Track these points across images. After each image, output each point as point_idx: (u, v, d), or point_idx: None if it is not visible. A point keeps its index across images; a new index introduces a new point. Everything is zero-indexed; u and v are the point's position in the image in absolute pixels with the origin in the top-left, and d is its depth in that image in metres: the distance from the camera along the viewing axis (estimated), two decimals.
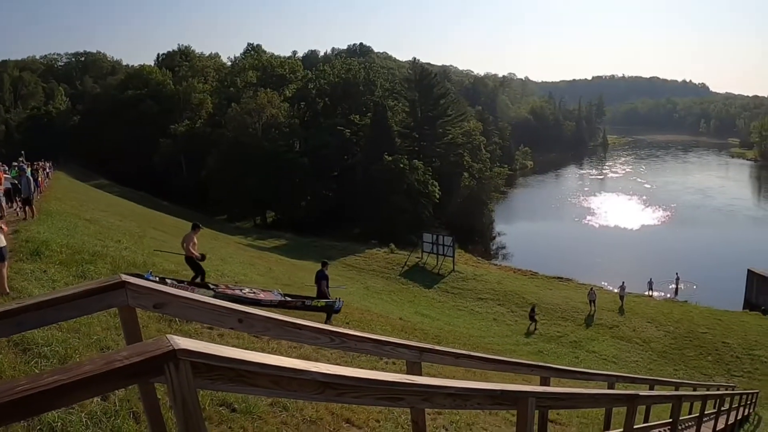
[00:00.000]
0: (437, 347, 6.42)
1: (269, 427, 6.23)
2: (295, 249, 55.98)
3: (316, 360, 8.34)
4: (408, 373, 5.77)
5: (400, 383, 3.68)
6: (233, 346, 4.58)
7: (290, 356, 5.62)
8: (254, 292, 18.78)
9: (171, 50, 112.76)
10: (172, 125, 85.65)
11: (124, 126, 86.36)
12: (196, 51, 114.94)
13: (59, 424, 4.75)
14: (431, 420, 8.99)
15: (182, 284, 16.01)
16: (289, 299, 19.05)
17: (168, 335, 2.76)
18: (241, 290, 18.58)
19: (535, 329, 39.66)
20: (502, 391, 4.61)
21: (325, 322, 16.48)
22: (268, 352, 7.08)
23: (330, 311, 18.84)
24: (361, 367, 6.06)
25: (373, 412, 8.16)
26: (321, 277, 20.59)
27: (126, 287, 4.10)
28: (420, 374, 5.86)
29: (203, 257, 17.72)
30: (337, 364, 4.52)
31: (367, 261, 53.51)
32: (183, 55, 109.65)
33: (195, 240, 17.72)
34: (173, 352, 2.65)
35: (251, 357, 2.91)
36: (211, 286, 17.46)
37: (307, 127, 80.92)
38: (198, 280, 17.50)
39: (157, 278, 15.54)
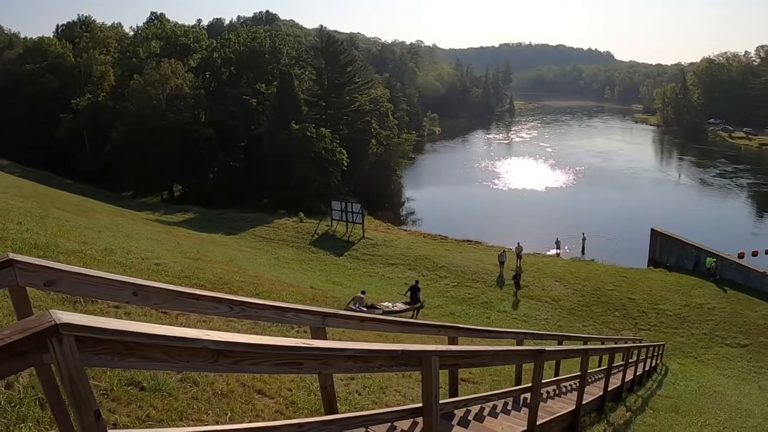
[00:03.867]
0: (341, 312, 6.39)
1: (179, 404, 6.10)
2: (204, 222, 55.18)
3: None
4: (313, 339, 5.74)
5: (296, 347, 3.64)
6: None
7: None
8: (394, 304, 31.33)
9: (71, 21, 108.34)
10: (73, 100, 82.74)
11: (23, 103, 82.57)
12: (98, 21, 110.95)
13: None
14: (344, 386, 9.00)
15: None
16: (408, 305, 31.80)
17: (51, 310, 2.64)
18: (384, 304, 30.78)
19: (517, 296, 40.27)
20: (403, 352, 4.61)
21: (414, 316, 30.54)
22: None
23: (420, 308, 31.89)
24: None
25: (285, 381, 8.12)
26: (415, 290, 32.73)
27: (14, 266, 3.92)
28: (324, 339, 5.84)
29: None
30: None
31: (277, 231, 53.09)
32: (84, 25, 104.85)
33: (364, 301, 28.55)
34: (55, 327, 2.54)
35: (139, 328, 2.82)
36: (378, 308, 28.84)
37: (212, 97, 79.14)
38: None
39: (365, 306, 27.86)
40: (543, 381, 8.40)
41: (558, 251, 54.63)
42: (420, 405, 5.14)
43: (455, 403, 6.76)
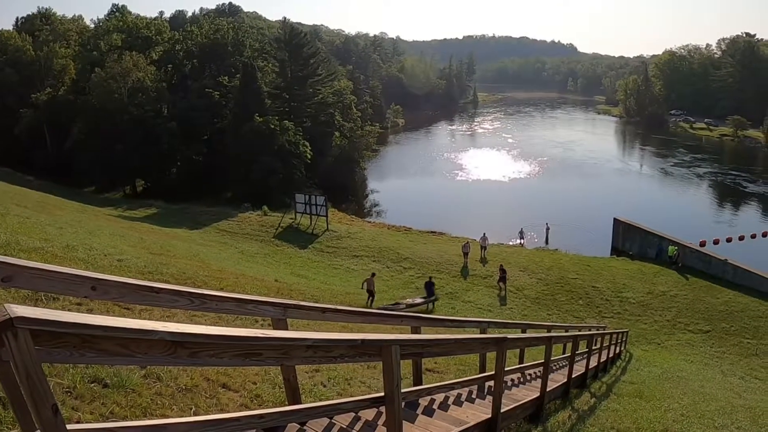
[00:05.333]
0: (302, 302, 6.36)
1: (143, 400, 6.07)
2: (167, 217, 54.72)
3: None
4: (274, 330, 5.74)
5: (254, 338, 3.63)
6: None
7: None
8: (413, 300, 34.71)
9: (31, 13, 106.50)
10: (33, 94, 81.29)
11: None
12: (58, 13, 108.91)
13: None
14: (309, 378, 9.05)
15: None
16: (424, 299, 34.90)
17: (6, 304, 2.62)
18: (407, 300, 34.39)
19: (504, 293, 39.69)
20: (363, 341, 4.61)
21: (430, 309, 34.31)
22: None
23: (435, 300, 35.42)
24: None
25: (249, 375, 8.13)
26: (430, 285, 35.49)
27: None
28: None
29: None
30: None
31: (241, 225, 52.79)
32: (44, 18, 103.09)
33: (374, 282, 33.77)
34: (10, 321, 2.52)
35: (94, 320, 2.80)
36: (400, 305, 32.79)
37: (174, 90, 78.46)
38: (372, 300, 33.05)
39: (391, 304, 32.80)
40: (507, 369, 8.46)
41: (522, 241, 55.02)
42: (382, 394, 5.17)
43: (418, 391, 6.78)
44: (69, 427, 2.88)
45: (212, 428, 3.94)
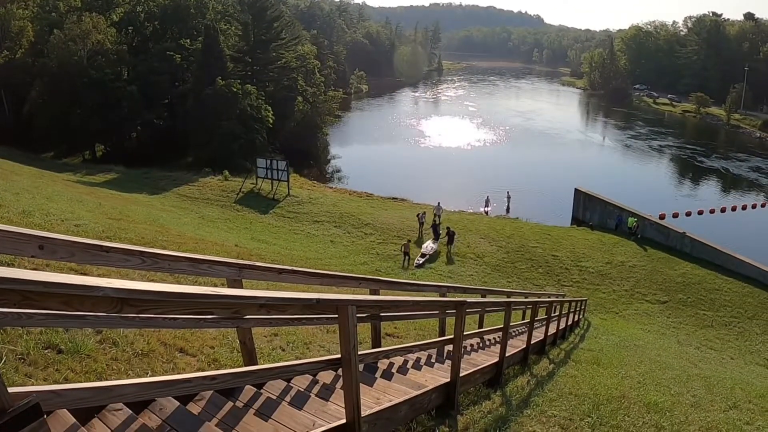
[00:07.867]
0: (258, 263, 6.24)
1: (98, 365, 5.97)
2: (127, 182, 53.88)
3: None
4: None
5: (204, 295, 3.52)
6: None
7: None
8: (428, 246, 39.73)
9: None
10: None
11: None
12: None
13: None
14: (268, 342, 9.03)
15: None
16: (435, 241, 40.55)
17: None
18: (426, 249, 39.31)
19: (450, 253, 39.98)
20: (318, 300, 4.51)
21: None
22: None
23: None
24: None
25: (207, 339, 8.08)
26: (436, 227, 41.93)
27: None
28: None
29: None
30: None
31: (201, 190, 52.20)
32: None
33: (410, 246, 37.93)
34: None
35: (34, 276, 2.68)
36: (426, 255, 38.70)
37: (135, 53, 76.95)
38: (407, 260, 37.59)
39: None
40: (466, 333, 8.46)
41: (488, 209, 55.29)
42: (338, 356, 5.10)
43: (375, 354, 6.75)
44: (11, 389, 2.79)
45: (162, 389, 3.86)
